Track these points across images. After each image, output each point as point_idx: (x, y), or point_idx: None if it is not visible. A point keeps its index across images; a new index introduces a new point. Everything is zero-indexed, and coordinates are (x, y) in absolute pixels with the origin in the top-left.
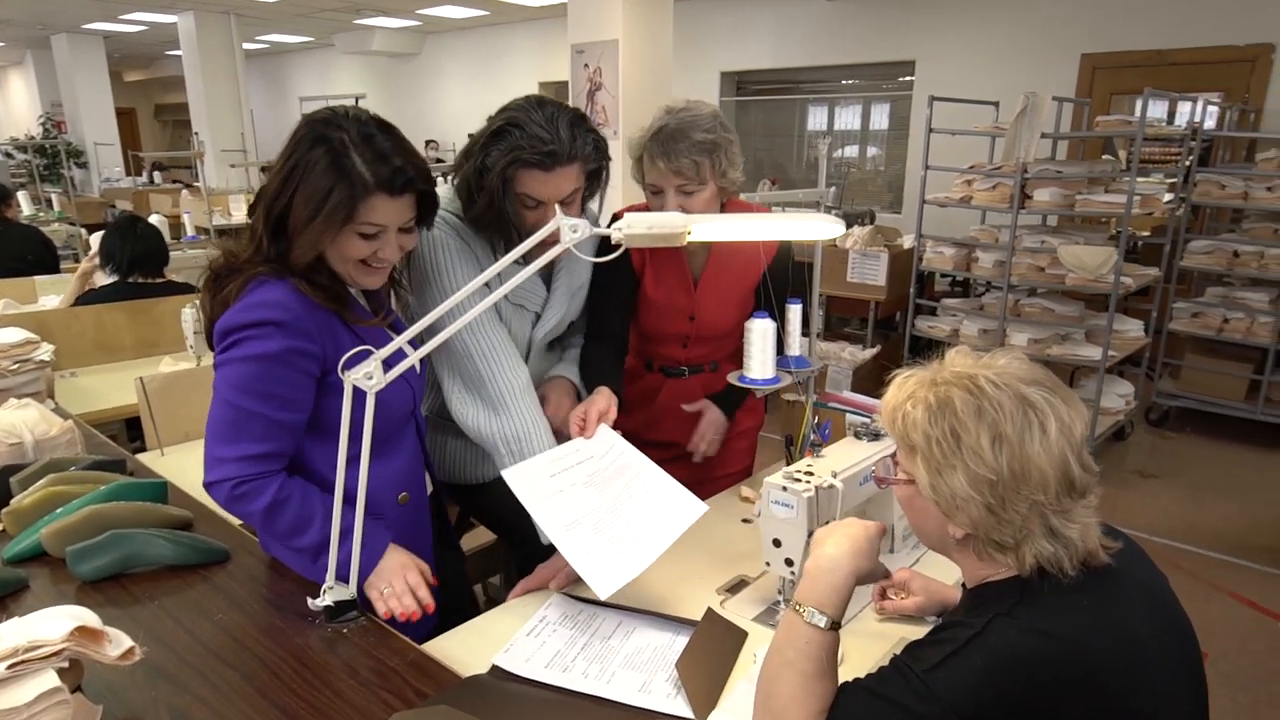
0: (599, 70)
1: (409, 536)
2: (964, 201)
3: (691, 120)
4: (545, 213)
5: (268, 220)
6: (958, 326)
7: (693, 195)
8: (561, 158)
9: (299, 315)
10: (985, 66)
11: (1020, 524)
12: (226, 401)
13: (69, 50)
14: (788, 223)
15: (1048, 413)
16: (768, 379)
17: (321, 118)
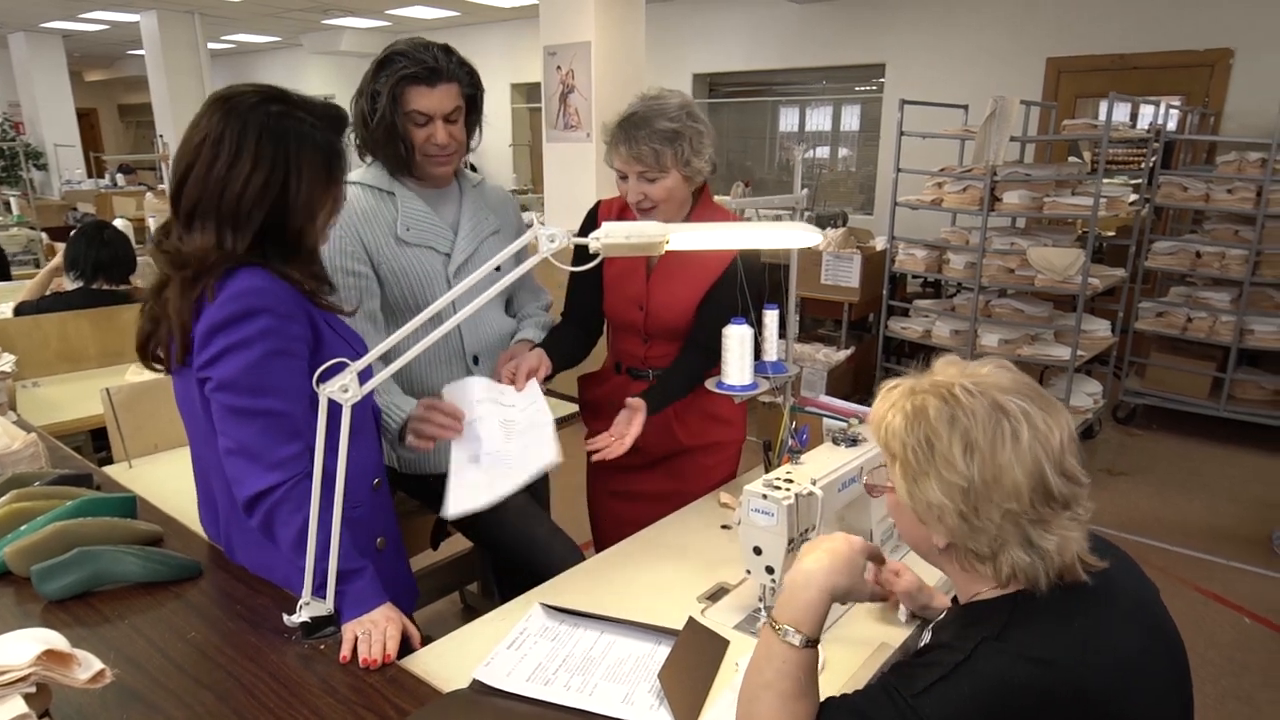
0: (571, 72)
1: (383, 519)
2: (935, 204)
3: (658, 108)
4: (434, 129)
5: (251, 221)
6: (930, 328)
7: (655, 182)
8: (442, 75)
9: (282, 298)
10: (954, 69)
11: (995, 533)
12: (245, 410)
13: (27, 49)
14: (767, 231)
15: (1021, 421)
16: (746, 385)
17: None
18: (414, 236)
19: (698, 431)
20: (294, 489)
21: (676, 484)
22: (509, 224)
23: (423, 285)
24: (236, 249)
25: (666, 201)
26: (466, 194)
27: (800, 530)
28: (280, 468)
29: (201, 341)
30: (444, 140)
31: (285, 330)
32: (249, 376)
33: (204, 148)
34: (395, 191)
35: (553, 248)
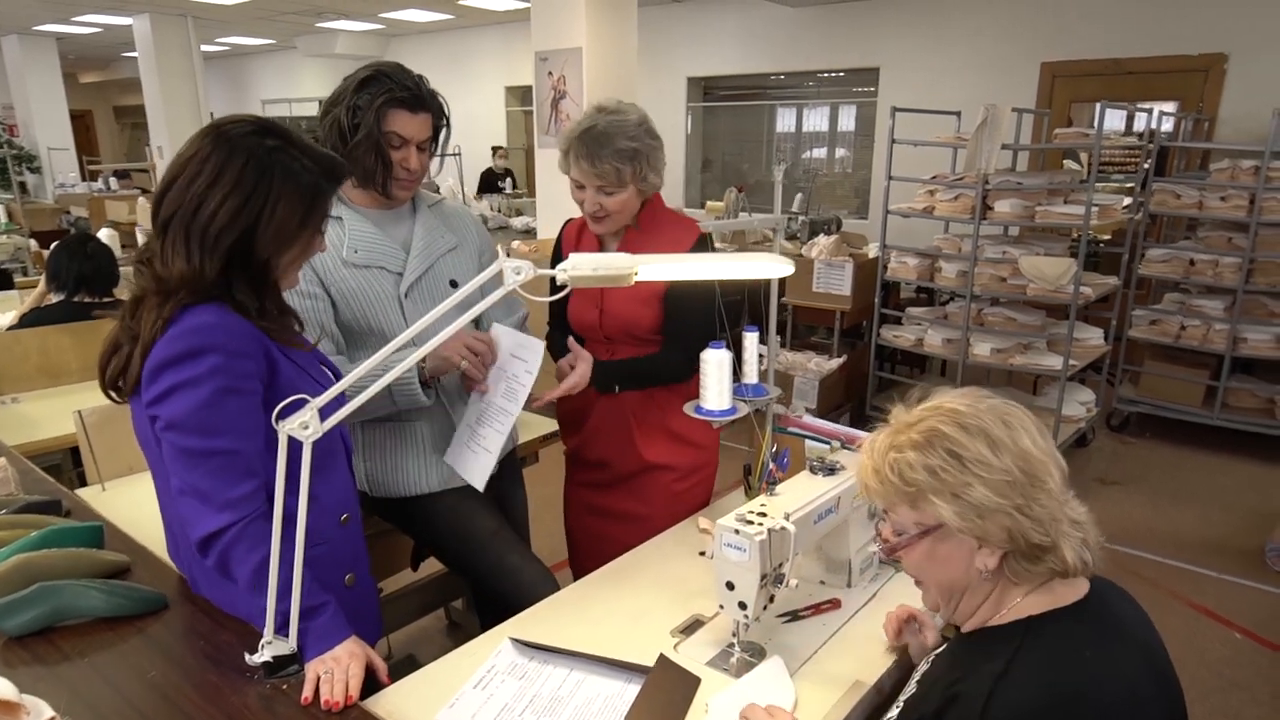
0: (563, 78)
1: (352, 557)
2: (927, 212)
3: (619, 125)
4: (407, 154)
5: (219, 244)
6: (922, 336)
7: (612, 195)
8: (423, 103)
9: (233, 334)
10: (948, 73)
11: (1049, 517)
12: (195, 451)
13: (20, 51)
14: (737, 263)
15: (1021, 416)
16: (724, 410)
17: (239, 134)
18: (362, 258)
19: (662, 450)
20: (247, 528)
21: (646, 507)
22: (468, 240)
23: (373, 306)
24: (205, 273)
25: (621, 211)
26: (420, 212)
27: (774, 565)
28: (232, 508)
29: (149, 377)
30: (415, 166)
31: (235, 368)
32: (198, 416)
33: (189, 164)
34: (342, 215)
35: (519, 280)
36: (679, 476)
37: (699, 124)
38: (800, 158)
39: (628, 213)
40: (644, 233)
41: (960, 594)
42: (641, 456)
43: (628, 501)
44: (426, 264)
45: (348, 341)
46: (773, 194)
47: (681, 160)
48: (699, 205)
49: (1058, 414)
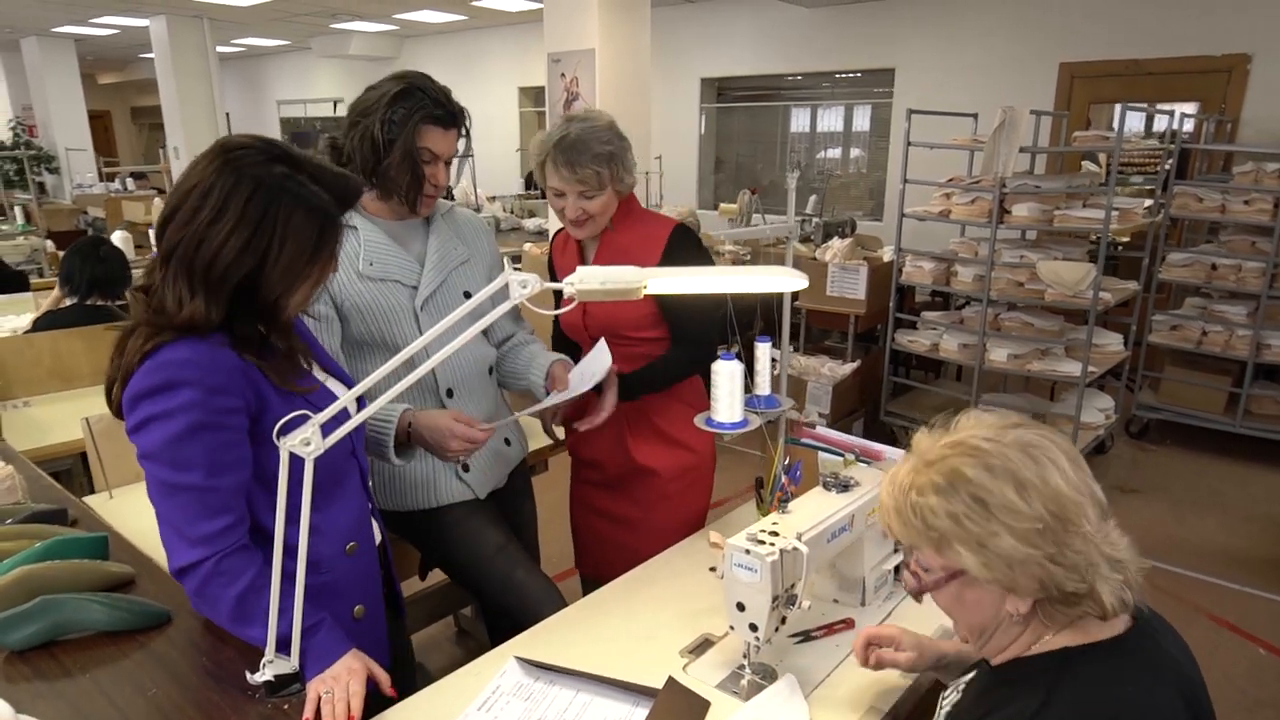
0: (575, 79)
1: (360, 587)
2: (943, 215)
3: (592, 131)
4: (436, 169)
5: (224, 284)
6: (938, 341)
7: (593, 199)
8: (456, 120)
9: (213, 369)
10: (965, 74)
11: (1085, 563)
12: (167, 484)
13: (39, 53)
14: (748, 277)
15: (1050, 446)
16: (735, 422)
17: (246, 162)
18: (377, 271)
19: (652, 452)
20: (220, 564)
21: (639, 509)
22: (480, 251)
23: (388, 320)
24: (210, 315)
25: (602, 214)
26: (435, 222)
27: (786, 586)
28: (203, 544)
29: (127, 407)
30: (443, 183)
31: (211, 403)
32: (170, 450)
33: (192, 195)
34: (357, 225)
35: (525, 293)
36: (670, 478)
37: (712, 125)
38: (814, 158)
39: (607, 215)
40: (619, 232)
41: (990, 633)
42: (632, 458)
43: (622, 503)
44: (441, 277)
45: (361, 355)
46: (787, 196)
47: (695, 162)
48: (712, 207)
49: (1076, 421)
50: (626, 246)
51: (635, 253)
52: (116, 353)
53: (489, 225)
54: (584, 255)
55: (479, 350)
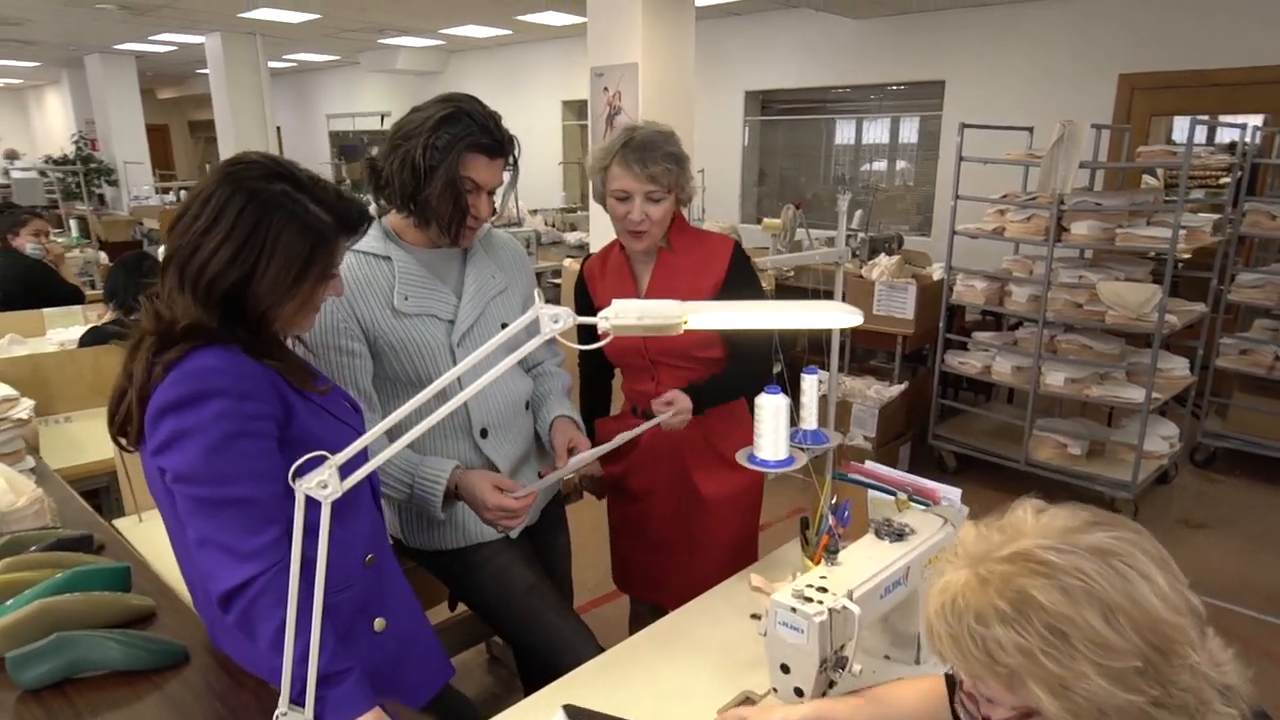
0: (618, 94)
1: (380, 597)
2: (997, 233)
3: (659, 134)
4: (480, 200)
5: (211, 293)
6: (989, 363)
7: (659, 203)
8: (503, 149)
9: (241, 375)
10: (1018, 87)
11: (1196, 701)
12: (208, 501)
13: (102, 69)
14: (800, 313)
15: (1132, 551)
16: (780, 460)
17: (247, 176)
18: (413, 305)
19: (716, 479)
20: (274, 579)
21: (694, 536)
22: (517, 280)
23: (424, 358)
24: (203, 320)
25: (662, 224)
26: (472, 249)
27: (835, 648)
28: (256, 558)
29: (151, 423)
30: (485, 214)
31: (242, 410)
32: (208, 464)
33: (194, 202)
34: (392, 255)
35: (556, 328)
36: (727, 502)
37: (755, 138)
38: (859, 171)
39: (663, 227)
40: (678, 252)
41: None
42: (695, 487)
43: (674, 530)
44: (478, 310)
45: (395, 392)
46: (831, 209)
47: (738, 175)
48: (754, 221)
49: (1139, 450)
50: (685, 267)
51: (696, 273)
52: (127, 367)
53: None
54: (635, 276)
55: (514, 384)
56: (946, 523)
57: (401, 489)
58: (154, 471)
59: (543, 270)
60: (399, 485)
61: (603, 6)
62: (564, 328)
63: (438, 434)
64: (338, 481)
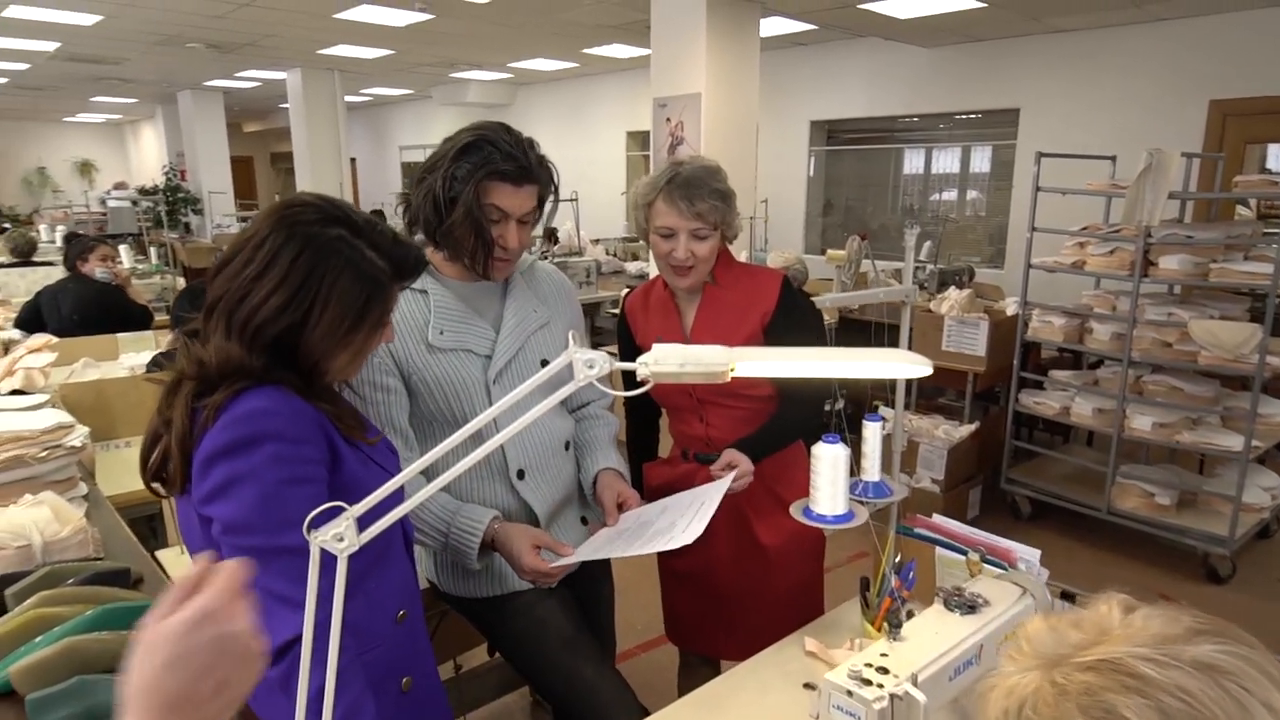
0: (680, 124)
1: (411, 657)
2: (1076, 267)
3: (706, 170)
4: (507, 230)
5: (258, 339)
6: (1068, 404)
7: (704, 240)
8: (529, 175)
9: (294, 418)
10: (1098, 115)
11: None
12: (263, 550)
13: (192, 105)
14: (861, 362)
15: (1247, 670)
16: (839, 515)
17: (302, 220)
18: (448, 341)
19: (775, 526)
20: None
21: (753, 586)
22: (561, 313)
23: (458, 395)
24: (247, 365)
25: (708, 261)
26: (513, 282)
27: None
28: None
29: (200, 470)
30: (514, 244)
31: (297, 454)
32: (262, 512)
33: (246, 246)
34: (428, 289)
35: (592, 374)
36: (787, 549)
37: (821, 168)
38: (927, 201)
39: (709, 264)
40: (724, 287)
41: None
42: (753, 534)
43: (734, 581)
44: (517, 345)
45: (431, 431)
46: (899, 240)
47: (802, 205)
48: (818, 252)
49: (1236, 501)
50: (731, 303)
51: (743, 310)
52: (163, 412)
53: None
54: (680, 313)
55: (554, 424)
56: (1025, 592)
57: (436, 536)
58: (193, 518)
59: (601, 300)
60: (433, 533)
61: (666, 38)
62: (599, 374)
63: (472, 475)
64: (355, 534)
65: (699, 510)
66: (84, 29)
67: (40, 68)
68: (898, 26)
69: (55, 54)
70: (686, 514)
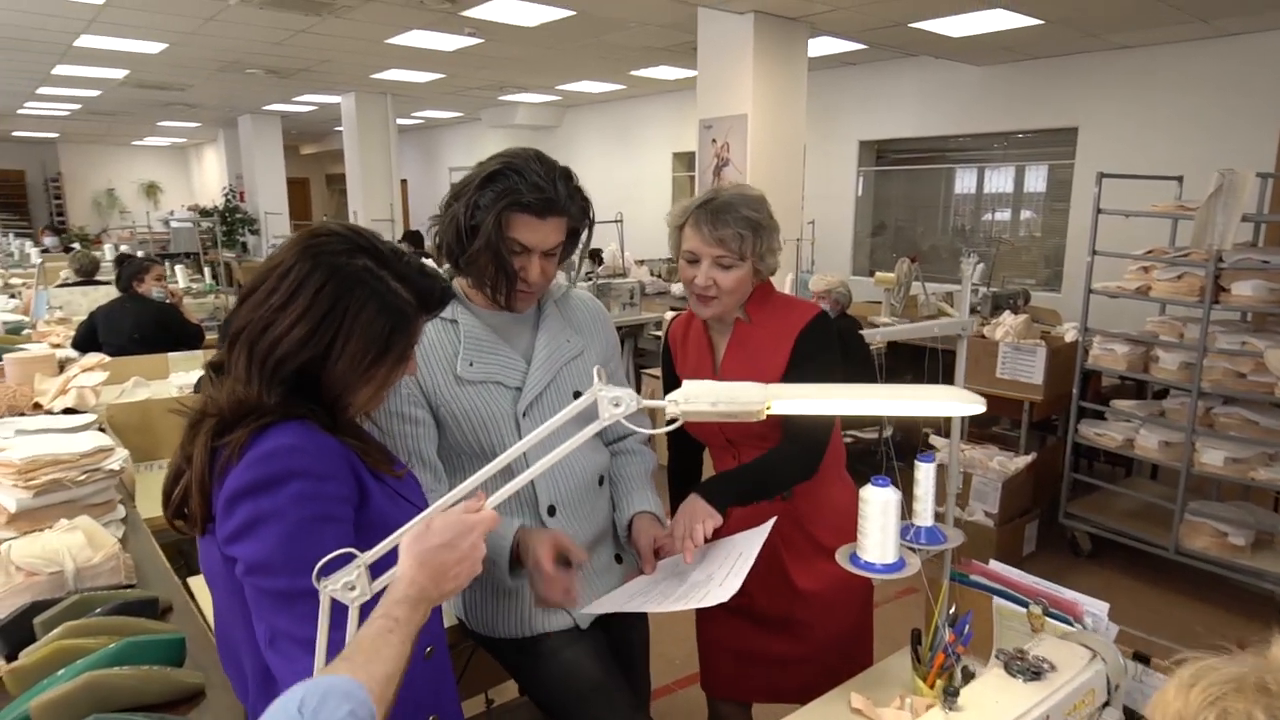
0: (726, 145)
1: (435, 696)
2: (1141, 292)
3: (742, 197)
4: (529, 263)
5: (278, 372)
6: (1132, 436)
7: (729, 270)
8: (555, 207)
9: (320, 455)
10: (1161, 133)
11: None
12: (285, 594)
13: (252, 128)
14: (907, 401)
15: None
16: (889, 564)
17: (327, 250)
18: (477, 373)
19: (815, 572)
20: None
21: (796, 636)
22: (596, 343)
23: (487, 428)
24: (264, 401)
25: (733, 293)
26: (545, 311)
27: None
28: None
29: (224, 510)
30: (536, 278)
31: (323, 492)
32: (286, 552)
33: (270, 276)
34: (458, 318)
35: (618, 413)
36: (830, 595)
37: (870, 189)
38: (979, 222)
39: (738, 296)
40: (756, 324)
41: None
42: (792, 584)
43: (772, 627)
44: (548, 377)
45: (458, 464)
46: (950, 262)
47: (850, 226)
48: (867, 274)
49: None
50: (760, 341)
51: (770, 348)
52: (185, 449)
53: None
54: (713, 347)
55: (587, 458)
56: (1095, 656)
57: None
58: (215, 556)
59: (644, 321)
60: None
61: (713, 59)
62: (625, 413)
63: (501, 510)
64: (368, 583)
65: (736, 563)
66: (150, 56)
67: (111, 94)
68: (950, 45)
69: (124, 81)
70: (724, 565)
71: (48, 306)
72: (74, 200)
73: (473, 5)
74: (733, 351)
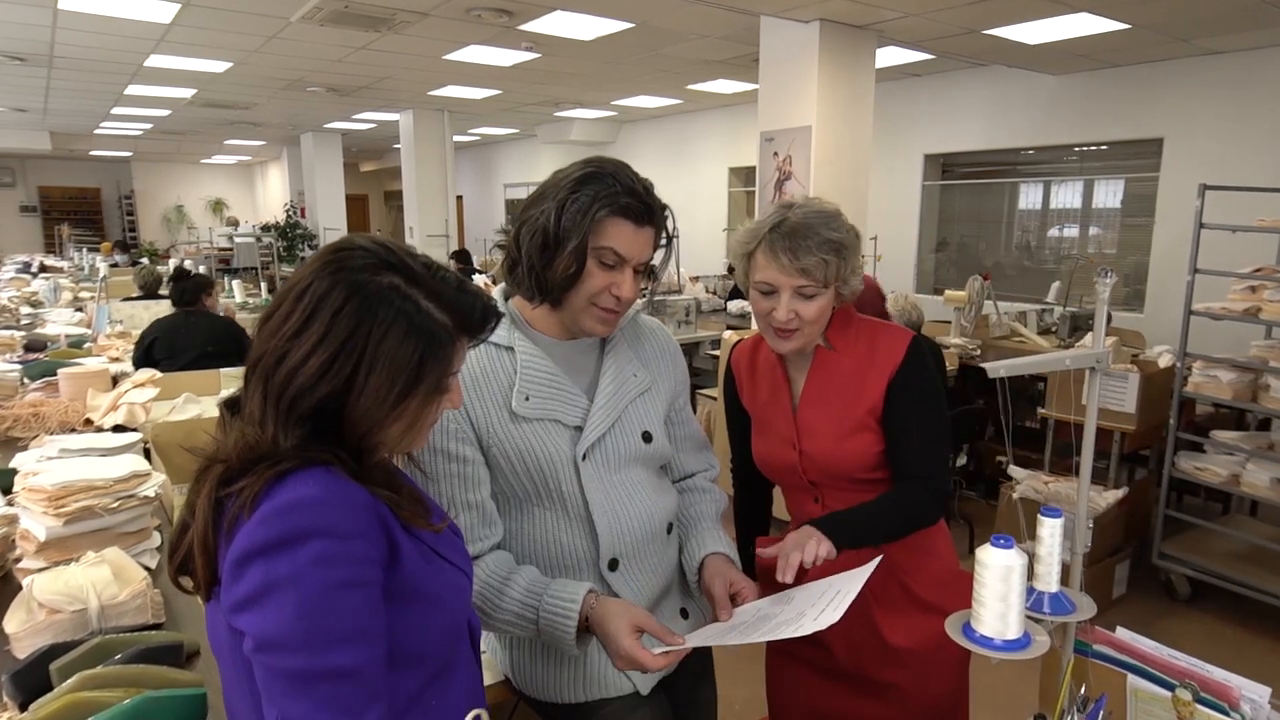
0: (789, 159)
1: None
2: (1250, 314)
3: (819, 216)
4: (619, 278)
5: (296, 404)
6: (1238, 471)
7: (811, 300)
8: (652, 215)
9: (345, 510)
10: (1260, 143)
11: None
12: (302, 675)
13: (313, 145)
14: None
15: None
16: (1011, 641)
17: (349, 266)
18: (534, 409)
19: (906, 628)
20: None
21: (882, 698)
22: (664, 378)
23: (541, 469)
24: (281, 441)
25: (816, 323)
26: (613, 340)
27: None
28: None
29: (232, 572)
30: (628, 294)
31: (348, 553)
32: (304, 625)
33: (288, 297)
34: (515, 346)
35: None
36: (924, 652)
37: (934, 203)
38: (1045, 238)
39: (821, 325)
40: (839, 352)
41: None
42: (879, 632)
43: (855, 684)
44: (613, 416)
45: (509, 506)
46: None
47: (914, 243)
48: (930, 291)
49: None
50: (846, 371)
51: (859, 380)
52: (190, 499)
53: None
54: (789, 380)
55: (654, 504)
56: None
57: (524, 624)
58: (223, 628)
59: (701, 340)
60: (519, 620)
61: (776, 70)
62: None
63: (556, 566)
64: None
65: (834, 598)
66: (216, 75)
67: (180, 113)
68: (1025, 53)
69: (192, 100)
70: (818, 603)
71: (109, 320)
72: (145, 216)
73: (530, 19)
74: (814, 383)
